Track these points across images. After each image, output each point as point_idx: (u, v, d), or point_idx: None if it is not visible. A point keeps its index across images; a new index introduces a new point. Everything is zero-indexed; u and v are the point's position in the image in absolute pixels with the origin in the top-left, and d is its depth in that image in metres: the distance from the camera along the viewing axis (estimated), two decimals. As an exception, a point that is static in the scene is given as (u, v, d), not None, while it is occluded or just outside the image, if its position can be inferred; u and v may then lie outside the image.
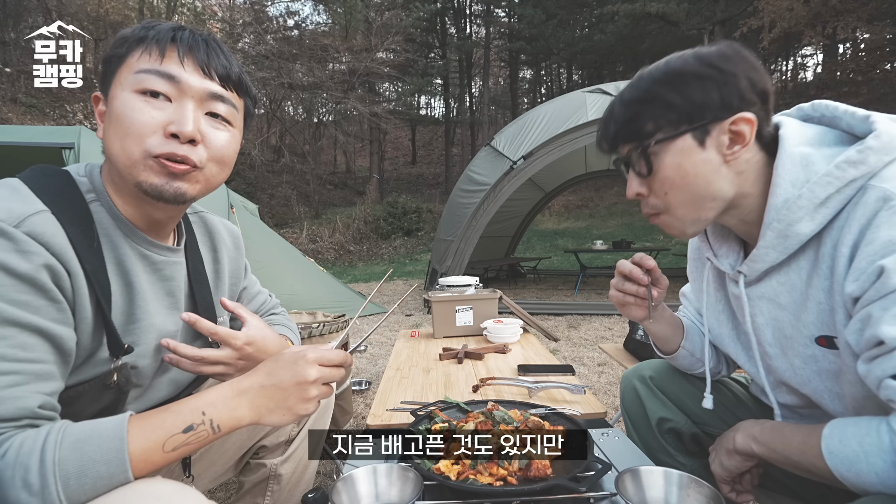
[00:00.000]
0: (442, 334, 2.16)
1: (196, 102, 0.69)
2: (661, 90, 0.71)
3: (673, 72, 0.72)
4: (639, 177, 0.77)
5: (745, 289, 0.82)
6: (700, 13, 14.75)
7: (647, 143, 0.73)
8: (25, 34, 10.69)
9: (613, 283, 0.91)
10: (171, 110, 0.67)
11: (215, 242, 0.95)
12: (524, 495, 0.74)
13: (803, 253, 0.73)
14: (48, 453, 0.52)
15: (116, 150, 0.67)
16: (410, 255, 12.30)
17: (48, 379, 0.58)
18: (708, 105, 0.69)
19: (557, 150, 4.83)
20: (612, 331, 4.34)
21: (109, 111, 0.68)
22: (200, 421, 0.61)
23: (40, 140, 3.32)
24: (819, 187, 0.67)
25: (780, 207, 0.71)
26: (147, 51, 0.67)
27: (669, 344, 1.01)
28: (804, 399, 0.82)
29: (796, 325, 0.76)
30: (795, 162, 0.70)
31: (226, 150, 0.74)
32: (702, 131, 0.70)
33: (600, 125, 0.81)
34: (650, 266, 0.87)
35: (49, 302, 0.59)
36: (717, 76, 0.69)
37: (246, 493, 1.05)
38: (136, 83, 0.66)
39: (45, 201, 0.62)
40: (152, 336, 0.76)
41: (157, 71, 0.67)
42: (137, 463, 0.56)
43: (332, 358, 0.69)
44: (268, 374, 0.66)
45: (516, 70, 23.70)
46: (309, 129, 18.95)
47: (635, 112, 0.74)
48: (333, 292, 4.99)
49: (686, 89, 0.70)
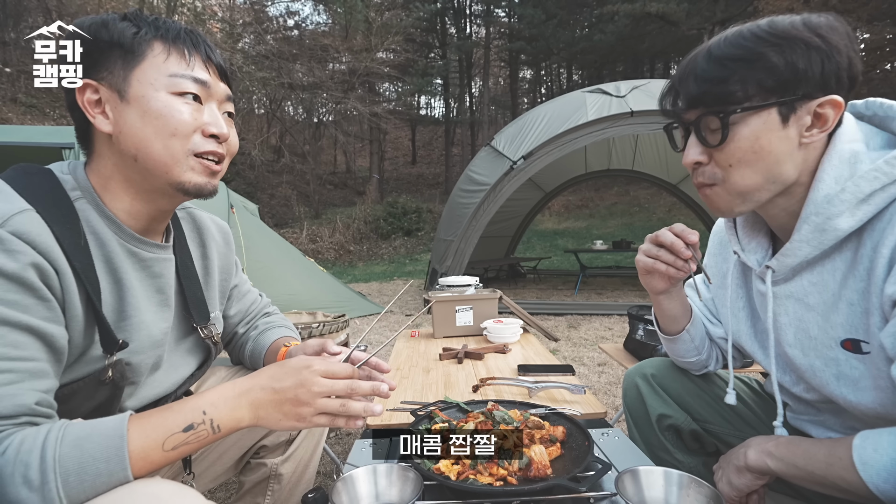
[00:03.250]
0: (442, 334, 2.16)
1: (218, 104, 0.75)
2: (766, 50, 0.64)
3: (781, 33, 0.65)
4: (702, 144, 0.71)
5: (772, 287, 0.79)
6: (700, 13, 14.75)
7: (731, 108, 0.66)
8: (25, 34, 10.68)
9: (644, 248, 0.87)
10: (206, 113, 0.72)
11: (204, 238, 0.94)
12: (524, 495, 0.74)
13: (839, 253, 0.70)
14: (48, 450, 0.52)
15: (158, 150, 0.68)
16: (410, 255, 12.30)
17: (42, 377, 0.59)
18: (807, 77, 0.64)
19: (557, 150, 4.83)
20: (612, 331, 4.34)
21: (144, 109, 0.68)
22: (201, 420, 0.61)
23: (40, 140, 3.32)
24: (865, 182, 0.64)
25: (821, 202, 0.67)
26: (176, 52, 0.70)
27: (676, 324, 0.97)
28: (825, 396, 0.79)
29: (823, 326, 0.73)
30: (844, 159, 0.67)
31: (237, 146, 0.79)
32: (789, 107, 0.66)
33: (673, 80, 0.74)
34: (692, 241, 0.82)
35: (38, 300, 0.59)
36: (824, 47, 0.64)
37: (246, 492, 1.05)
38: (173, 86, 0.69)
39: (28, 200, 0.62)
40: (143, 333, 0.75)
41: (192, 77, 0.70)
42: (137, 461, 0.56)
43: (337, 372, 0.68)
44: (271, 378, 0.66)
45: (516, 70, 23.69)
46: (309, 129, 18.95)
47: (730, 71, 0.66)
48: (333, 292, 4.99)
49: (792, 55, 0.64)
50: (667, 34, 17.11)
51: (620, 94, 4.87)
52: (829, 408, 0.83)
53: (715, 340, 1.02)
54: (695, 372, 1.06)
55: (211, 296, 0.93)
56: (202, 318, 0.88)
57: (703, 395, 1.05)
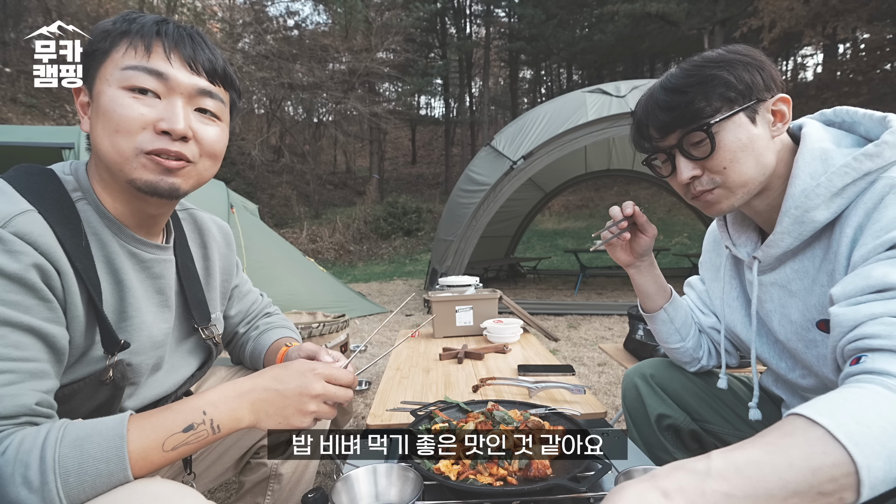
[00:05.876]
0: (442, 334, 2.16)
1: (185, 99, 0.69)
2: (714, 71, 0.75)
3: (718, 58, 0.76)
4: (692, 160, 0.79)
5: (757, 275, 0.86)
6: (700, 13, 14.75)
7: (710, 121, 0.75)
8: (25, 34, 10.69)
9: (607, 224, 0.99)
10: (161, 107, 0.67)
11: (205, 239, 0.94)
12: (524, 495, 0.74)
13: (818, 241, 0.77)
14: (48, 450, 0.52)
15: (106, 147, 0.66)
16: (410, 255, 12.30)
17: (43, 377, 0.58)
18: (755, 86, 0.75)
19: (557, 150, 4.83)
20: (612, 331, 4.34)
21: (96, 107, 0.67)
22: (201, 420, 0.61)
23: (40, 140, 3.32)
24: (837, 177, 0.71)
25: (798, 196, 0.75)
26: (132, 46, 0.66)
27: (651, 302, 1.04)
28: (819, 381, 0.83)
29: (802, 309, 0.80)
30: (815, 156, 0.75)
31: (217, 145, 0.74)
32: (752, 110, 0.76)
33: (638, 121, 0.84)
34: (627, 213, 0.95)
35: (40, 301, 0.59)
36: (754, 62, 0.76)
37: (246, 492, 1.05)
38: (124, 80, 0.65)
39: (30, 201, 0.61)
40: (144, 334, 0.75)
41: (144, 68, 0.66)
42: (137, 461, 0.56)
43: (340, 377, 0.68)
44: (273, 379, 0.66)
45: (516, 70, 23.69)
46: (309, 129, 18.94)
47: (691, 95, 0.76)
48: (333, 292, 4.99)
49: (735, 71, 0.75)
50: (667, 34, 17.12)
51: (620, 94, 4.87)
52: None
53: (706, 331, 1.05)
54: (689, 367, 1.07)
55: (212, 297, 0.93)
56: (203, 319, 0.88)
57: (703, 395, 1.05)
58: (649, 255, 1.00)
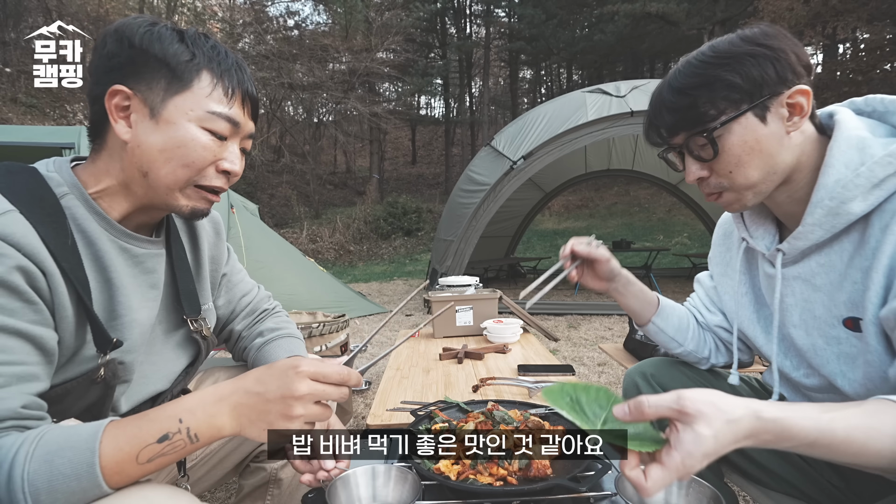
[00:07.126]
0: (442, 334, 2.16)
1: (240, 141, 0.75)
2: (717, 72, 0.71)
3: (725, 53, 0.72)
4: (699, 161, 0.77)
5: (780, 268, 0.83)
6: (700, 13, 14.75)
7: (711, 126, 0.72)
8: (25, 34, 10.70)
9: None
10: (225, 149, 0.73)
11: (195, 230, 0.93)
12: (524, 495, 0.74)
13: (847, 234, 0.73)
14: (17, 468, 0.50)
15: (164, 173, 0.69)
16: (410, 255, 12.30)
17: (31, 380, 0.58)
18: (766, 81, 0.70)
19: (557, 150, 4.83)
20: (612, 331, 4.34)
21: (170, 135, 0.67)
22: (176, 430, 0.57)
23: (40, 140, 3.32)
24: (879, 167, 0.67)
25: (832, 186, 0.71)
26: (218, 89, 0.70)
27: (638, 317, 1.05)
28: (824, 381, 0.82)
29: (828, 305, 0.77)
30: (851, 144, 0.71)
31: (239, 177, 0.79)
32: (762, 108, 0.71)
33: (648, 117, 0.82)
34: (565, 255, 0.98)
35: (25, 304, 0.58)
36: (768, 53, 0.70)
37: (245, 496, 1.03)
38: (206, 121, 0.69)
39: (11, 200, 0.60)
40: (136, 331, 0.74)
41: (228, 117, 0.70)
42: (112, 475, 0.53)
43: (328, 374, 0.61)
44: (256, 381, 0.60)
45: (516, 70, 23.69)
46: (309, 129, 18.94)
47: (694, 97, 0.73)
48: (333, 292, 4.99)
49: (742, 68, 0.70)
50: (667, 34, 17.11)
51: (620, 94, 4.87)
52: (824, 398, 0.84)
53: (712, 329, 1.05)
54: (700, 366, 1.06)
55: (202, 286, 0.92)
56: (193, 310, 0.86)
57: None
58: (620, 275, 1.00)
